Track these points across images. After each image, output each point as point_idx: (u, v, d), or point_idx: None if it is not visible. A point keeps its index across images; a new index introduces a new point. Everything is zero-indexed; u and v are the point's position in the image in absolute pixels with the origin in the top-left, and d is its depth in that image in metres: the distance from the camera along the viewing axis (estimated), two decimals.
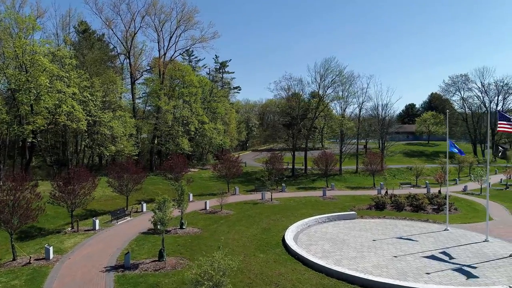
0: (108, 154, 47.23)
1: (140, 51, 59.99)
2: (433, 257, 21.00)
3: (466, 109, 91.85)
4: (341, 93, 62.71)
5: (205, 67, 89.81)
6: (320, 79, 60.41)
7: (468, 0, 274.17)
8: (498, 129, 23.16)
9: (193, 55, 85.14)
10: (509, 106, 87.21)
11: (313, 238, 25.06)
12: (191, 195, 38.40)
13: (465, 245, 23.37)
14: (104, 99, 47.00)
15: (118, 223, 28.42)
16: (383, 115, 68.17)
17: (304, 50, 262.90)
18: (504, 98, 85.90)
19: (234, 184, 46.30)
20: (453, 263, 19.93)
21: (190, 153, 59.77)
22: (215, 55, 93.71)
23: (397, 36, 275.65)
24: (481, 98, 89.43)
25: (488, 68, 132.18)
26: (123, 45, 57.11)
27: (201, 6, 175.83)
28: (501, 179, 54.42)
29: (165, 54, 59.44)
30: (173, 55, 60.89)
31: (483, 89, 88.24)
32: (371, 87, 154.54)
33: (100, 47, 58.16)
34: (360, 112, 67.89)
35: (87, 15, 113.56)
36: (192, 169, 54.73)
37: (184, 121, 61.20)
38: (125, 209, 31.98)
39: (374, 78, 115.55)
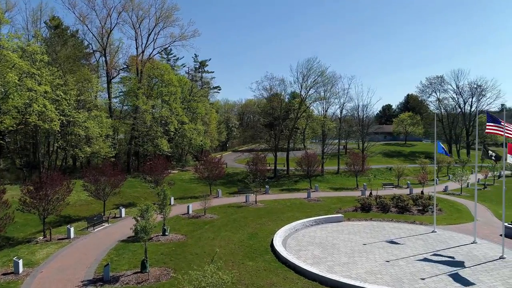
0: (83, 156, 44.94)
1: (116, 49, 57.78)
2: (425, 261, 20.60)
3: (442, 110, 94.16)
4: (323, 93, 62.60)
5: (184, 66, 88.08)
6: (303, 79, 60.05)
7: (444, 4, 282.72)
8: (486, 131, 23.06)
9: (171, 54, 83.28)
10: (483, 107, 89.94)
11: (302, 243, 24.26)
12: (172, 198, 36.87)
13: (454, 248, 23.16)
14: (78, 98, 44.69)
15: (95, 230, 26.66)
16: (363, 116, 68.62)
17: (284, 50, 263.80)
18: (478, 100, 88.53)
19: (216, 186, 45.05)
20: (446, 267, 19.56)
21: (169, 154, 58.02)
22: (195, 54, 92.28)
23: (374, 37, 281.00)
24: (456, 99, 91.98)
25: (462, 70, 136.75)
26: (99, 42, 54.71)
27: (181, 4, 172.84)
28: (479, 179, 55.58)
29: (143, 52, 57.47)
30: (151, 53, 58.97)
31: (458, 91, 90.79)
32: (352, 88, 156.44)
33: (74, 43, 55.46)
34: (341, 112, 68.09)
35: (59, 9, 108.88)
36: (172, 171, 53.03)
37: (163, 121, 59.36)
38: (102, 214, 30.20)
39: (355, 79, 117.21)
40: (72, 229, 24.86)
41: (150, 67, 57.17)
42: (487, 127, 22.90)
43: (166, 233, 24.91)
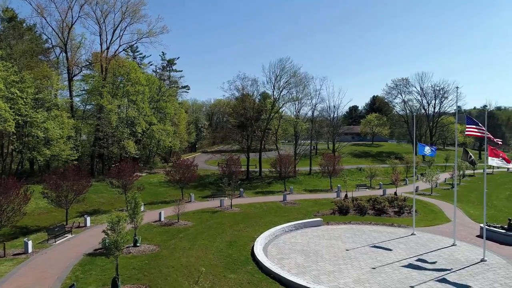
0: (42, 159, 41.49)
1: (78, 44, 54.08)
2: (410, 267, 20.16)
3: (407, 111, 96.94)
4: (295, 94, 62.22)
5: (151, 64, 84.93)
6: (275, 80, 59.28)
7: (408, 7, 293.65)
8: (466, 133, 23.06)
9: (137, 51, 79.96)
10: (445, 109, 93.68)
11: (284, 250, 23.18)
12: (142, 204, 34.52)
13: (436, 251, 22.98)
14: (36, 96, 41.18)
15: (57, 242, 24.14)
16: (334, 117, 69.02)
17: (252, 51, 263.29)
18: (441, 102, 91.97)
19: (188, 190, 43.13)
20: (432, 273, 19.18)
21: (136, 156, 55.21)
22: (162, 52, 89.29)
23: (340, 37, 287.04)
24: (420, 101, 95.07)
25: (426, 73, 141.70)
26: (59, 37, 50.93)
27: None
28: (445, 179, 57.30)
29: (108, 48, 54.21)
30: (117, 49, 55.82)
31: (422, 93, 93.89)
32: (324, 89, 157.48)
33: (31, 38, 51.46)
34: (313, 113, 68.09)
35: (13, 0, 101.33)
36: (139, 174, 50.32)
37: (130, 122, 56.40)
38: (65, 224, 27.56)
39: (326, 80, 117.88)
40: (30, 243, 22.26)
41: (116, 65, 54.07)
42: (467, 129, 22.91)
43: (138, 244, 22.95)
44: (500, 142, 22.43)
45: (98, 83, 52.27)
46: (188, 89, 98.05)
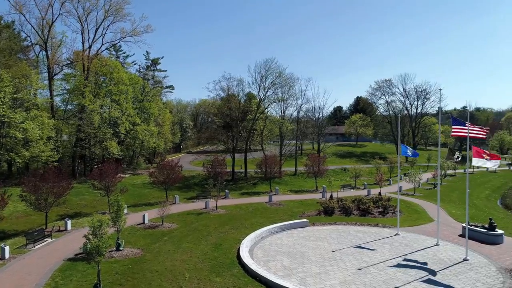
0: (20, 161, 40.21)
1: (59, 43, 52.74)
2: (395, 267, 20.29)
3: (390, 112, 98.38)
4: (281, 94, 62.28)
5: (134, 64, 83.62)
6: (261, 80, 59.15)
7: (389, 8, 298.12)
8: (452, 133, 23.34)
9: (121, 50, 78.60)
10: (427, 110, 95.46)
11: (270, 252, 23.02)
12: (125, 206, 33.83)
13: (420, 251, 23.22)
14: (15, 96, 39.91)
15: (36, 247, 23.34)
16: (320, 117, 69.42)
17: (237, 51, 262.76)
18: (423, 103, 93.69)
19: (173, 192, 42.55)
20: (416, 273, 19.34)
21: (119, 157, 54.18)
22: (146, 51, 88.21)
23: (318, 38, 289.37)
24: (403, 102, 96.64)
25: (409, 74, 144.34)
26: (38, 35, 49.56)
27: None
28: (428, 179, 58.31)
29: (90, 47, 53.14)
30: (99, 48, 54.73)
31: (405, 94, 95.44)
32: (309, 90, 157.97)
33: (9, 35, 49.91)
34: (298, 114, 68.29)
35: None
36: (123, 175, 49.33)
37: (113, 122, 55.33)
38: (44, 228, 26.74)
39: (312, 81, 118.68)
40: (7, 248, 21.44)
41: (98, 64, 52.96)
42: (452, 129, 23.22)
43: (121, 248, 22.40)
44: (483, 136, 22.49)
45: (79, 83, 51.11)
46: (173, 89, 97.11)
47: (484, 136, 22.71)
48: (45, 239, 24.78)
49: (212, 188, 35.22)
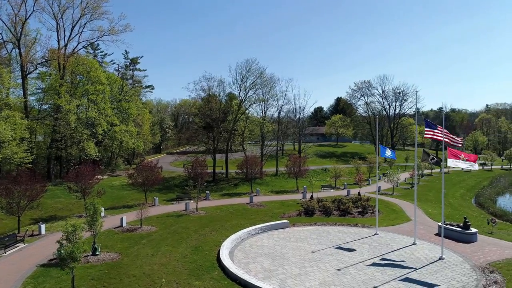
0: None
1: (33, 40, 50.95)
2: (374, 267, 20.55)
3: (370, 113, 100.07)
4: (262, 95, 62.32)
5: (113, 63, 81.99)
6: (242, 81, 59.01)
7: (369, 13, 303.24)
8: (425, 136, 23.88)
9: (98, 49, 76.82)
10: (405, 111, 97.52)
11: (250, 254, 22.91)
12: (102, 209, 33.07)
13: (397, 250, 23.61)
14: None
15: (7, 253, 22.45)
16: (301, 118, 69.84)
17: (220, 52, 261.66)
18: (401, 104, 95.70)
19: (152, 193, 41.86)
20: (394, 272, 19.63)
21: (97, 158, 52.93)
22: (125, 50, 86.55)
23: (302, 39, 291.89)
24: (382, 103, 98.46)
25: (387, 76, 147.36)
26: (11, 32, 47.80)
27: None
28: (405, 178, 59.52)
29: (66, 45, 51.66)
30: (76, 47, 53.39)
31: (383, 95, 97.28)
32: (290, 91, 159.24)
33: None
34: (279, 114, 68.49)
35: None
36: (101, 177, 48.21)
37: (90, 122, 53.96)
38: (17, 233, 25.77)
39: (292, 82, 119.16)
40: None
41: (74, 63, 51.53)
42: (425, 132, 23.73)
43: (97, 253, 21.80)
44: (459, 144, 23.30)
45: (55, 82, 49.62)
46: (152, 88, 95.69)
47: (460, 145, 23.35)
48: (17, 244, 23.89)
49: (193, 190, 34.84)
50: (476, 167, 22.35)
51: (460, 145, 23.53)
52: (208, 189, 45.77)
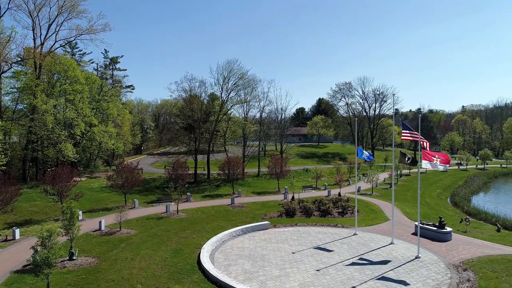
0: None
1: (8, 38, 49.24)
2: (353, 267, 20.90)
3: (350, 114, 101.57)
4: (243, 96, 62.33)
5: (92, 62, 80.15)
6: (223, 81, 58.87)
7: (348, 15, 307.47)
8: (402, 137, 24.47)
9: (77, 48, 75.06)
10: (385, 112, 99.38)
11: (231, 256, 22.91)
12: (80, 212, 32.35)
13: (376, 250, 24.08)
14: None
15: None
16: (282, 118, 70.22)
17: (202, 52, 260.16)
18: (381, 105, 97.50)
19: (132, 195, 41.27)
20: (372, 272, 20.02)
21: (75, 160, 51.75)
22: (105, 49, 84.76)
23: (289, 43, 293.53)
24: (362, 104, 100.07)
25: (367, 77, 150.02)
26: None
27: None
28: (385, 178, 60.70)
29: (42, 44, 50.21)
30: (52, 45, 51.88)
31: (363, 96, 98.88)
32: (271, 92, 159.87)
33: None
34: (261, 115, 68.67)
35: None
36: (79, 179, 47.12)
37: (68, 123, 52.69)
38: None
39: (274, 83, 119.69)
40: None
41: (51, 62, 50.22)
42: (402, 134, 24.33)
43: (74, 257, 21.33)
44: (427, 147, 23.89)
45: (31, 81, 48.22)
46: (133, 88, 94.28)
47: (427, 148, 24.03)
48: None
49: (173, 191, 34.51)
50: (446, 168, 23.09)
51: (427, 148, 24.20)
52: (190, 191, 45.48)
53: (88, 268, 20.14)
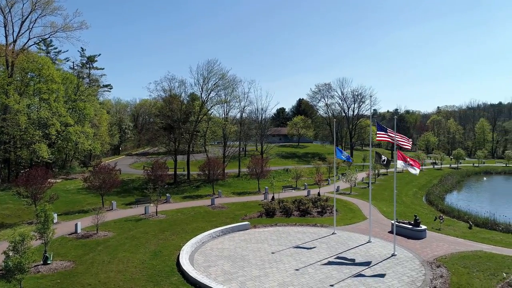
0: None
1: None
2: (331, 265, 21.22)
3: (330, 114, 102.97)
4: (224, 96, 62.19)
5: (67, 61, 78.23)
6: (203, 82, 58.56)
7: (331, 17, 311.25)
8: (377, 138, 25.04)
9: (52, 45, 73.18)
10: (363, 112, 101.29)
11: (211, 257, 22.84)
12: (55, 215, 31.51)
13: (354, 249, 24.53)
14: None
15: None
16: (263, 119, 70.48)
17: (181, 51, 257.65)
18: (359, 106, 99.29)
19: (110, 197, 40.48)
20: (350, 270, 20.39)
21: (50, 161, 50.30)
22: (81, 48, 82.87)
23: (270, 43, 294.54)
24: (341, 104, 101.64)
25: (346, 78, 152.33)
26: None
27: None
28: (363, 178, 61.83)
29: (15, 41, 48.64)
30: (26, 43, 50.34)
31: (342, 97, 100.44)
32: (252, 92, 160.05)
33: None
34: (242, 116, 68.67)
35: None
36: (54, 180, 45.72)
37: (42, 123, 51.14)
38: None
39: (255, 83, 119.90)
40: None
41: (25, 60, 48.64)
42: (377, 134, 24.86)
43: (49, 262, 20.75)
44: (408, 147, 24.66)
45: (2, 80, 46.59)
46: (111, 88, 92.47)
47: (409, 147, 24.70)
48: None
49: (152, 193, 34.08)
50: (417, 172, 23.81)
51: (409, 148, 24.92)
52: (169, 192, 45.01)
53: (64, 272, 19.66)
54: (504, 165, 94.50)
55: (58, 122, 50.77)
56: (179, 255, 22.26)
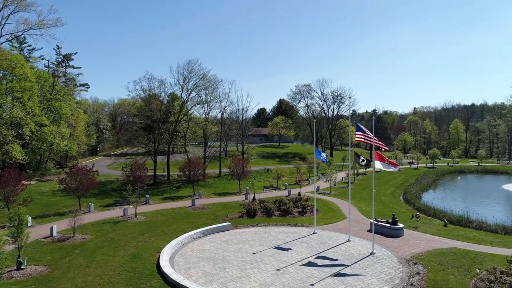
0: None
1: None
2: (311, 265, 21.41)
3: (310, 115, 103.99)
4: (204, 96, 61.81)
5: (42, 59, 75.72)
6: (184, 82, 58.01)
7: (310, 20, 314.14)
8: (356, 139, 25.42)
9: (25, 43, 70.58)
10: (342, 113, 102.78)
11: (191, 259, 22.64)
12: (30, 218, 30.50)
13: (334, 248, 24.85)
14: None
15: None
16: (244, 119, 70.43)
17: (161, 50, 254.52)
18: (339, 107, 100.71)
19: (87, 199, 39.54)
20: (330, 269, 20.64)
21: (23, 162, 48.67)
22: (57, 46, 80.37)
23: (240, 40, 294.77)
24: (321, 105, 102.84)
25: (326, 79, 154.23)
26: None
27: None
28: (342, 178, 62.75)
29: None
30: None
31: (322, 98, 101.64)
32: (232, 92, 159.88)
33: None
34: (222, 116, 68.43)
35: None
36: (28, 182, 44.17)
37: (15, 123, 49.38)
38: None
39: (235, 84, 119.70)
40: None
41: None
42: (356, 135, 25.26)
43: (23, 267, 20.06)
44: (384, 148, 25.25)
45: None
46: (88, 87, 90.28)
47: (385, 148, 25.32)
48: None
49: (131, 194, 33.49)
50: (396, 168, 24.49)
51: (386, 148, 25.49)
52: (149, 193, 44.36)
53: (38, 277, 19.06)
54: (477, 164, 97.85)
55: (32, 122, 49.17)
56: (159, 257, 21.96)
